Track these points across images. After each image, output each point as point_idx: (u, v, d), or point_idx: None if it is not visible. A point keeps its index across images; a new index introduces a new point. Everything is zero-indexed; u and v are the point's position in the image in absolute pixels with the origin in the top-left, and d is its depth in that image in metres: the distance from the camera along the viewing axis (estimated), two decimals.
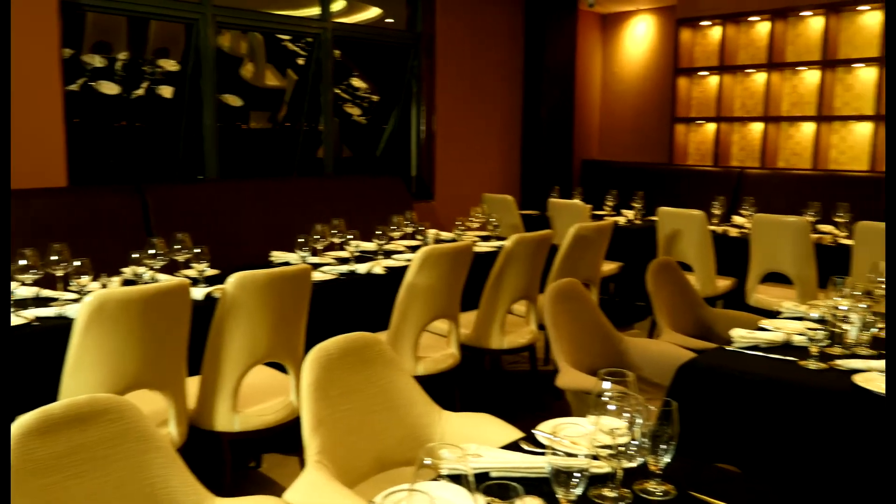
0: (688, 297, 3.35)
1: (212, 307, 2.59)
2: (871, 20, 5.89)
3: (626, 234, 5.21)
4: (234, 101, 5.82)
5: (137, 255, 3.03)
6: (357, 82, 6.77)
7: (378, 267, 3.50)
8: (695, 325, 3.31)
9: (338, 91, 6.38)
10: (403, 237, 4.26)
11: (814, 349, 2.27)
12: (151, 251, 3.00)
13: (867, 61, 5.89)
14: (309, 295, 2.81)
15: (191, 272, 3.07)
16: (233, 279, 2.53)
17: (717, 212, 5.12)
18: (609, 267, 5.10)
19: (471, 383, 4.06)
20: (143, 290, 2.31)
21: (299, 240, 3.55)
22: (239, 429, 2.63)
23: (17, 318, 2.43)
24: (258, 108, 6.20)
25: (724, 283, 4.68)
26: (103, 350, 2.24)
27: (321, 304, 3.00)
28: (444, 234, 4.50)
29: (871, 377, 2.11)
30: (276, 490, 2.82)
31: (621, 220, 5.47)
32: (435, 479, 1.27)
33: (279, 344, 2.71)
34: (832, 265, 3.97)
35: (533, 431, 1.66)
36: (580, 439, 1.33)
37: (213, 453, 2.65)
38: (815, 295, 4.06)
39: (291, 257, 3.67)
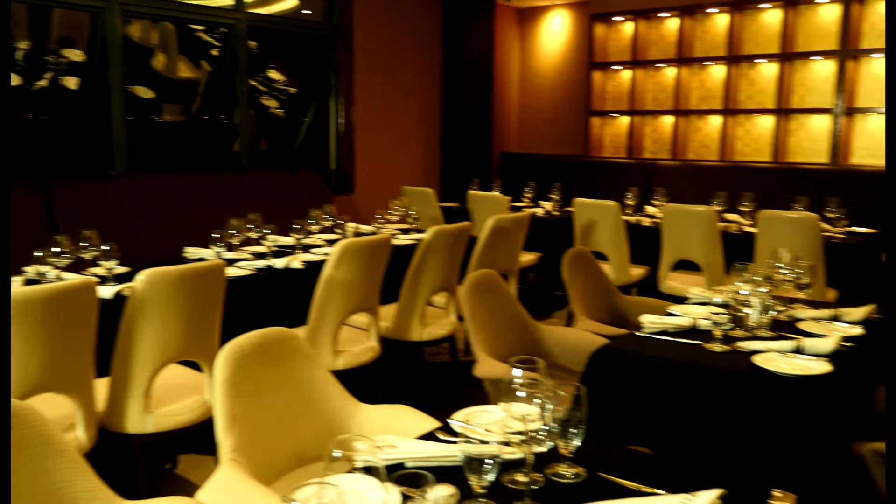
0: (602, 285, 3.44)
1: (121, 306, 2.51)
2: (773, 18, 6.16)
3: (544, 225, 5.30)
4: (145, 92, 5.64)
5: (41, 254, 2.91)
6: (274, 74, 6.65)
7: (296, 261, 3.46)
8: (609, 313, 3.40)
9: (254, 83, 6.26)
10: (322, 231, 4.22)
11: (717, 332, 2.37)
12: (56, 249, 2.88)
13: (769, 57, 6.16)
14: (223, 291, 2.75)
15: (99, 270, 2.97)
16: (142, 276, 2.46)
17: (630, 202, 5.27)
18: (528, 258, 5.18)
19: (392, 376, 4.07)
20: (46, 289, 2.22)
21: (214, 235, 3.47)
22: (152, 430, 2.56)
23: None
24: (171, 100, 6.02)
25: (637, 272, 4.83)
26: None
27: (237, 300, 2.95)
28: (364, 228, 4.48)
29: (770, 357, 2.22)
30: (193, 491, 2.76)
31: (539, 211, 5.57)
32: (349, 472, 1.27)
33: (193, 342, 2.64)
34: (738, 252, 4.14)
35: (448, 421, 1.68)
36: (493, 426, 1.36)
37: (126, 456, 2.57)
38: (722, 281, 4.23)
39: (206, 253, 3.59)
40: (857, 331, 2.49)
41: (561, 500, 1.35)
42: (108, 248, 2.94)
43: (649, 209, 5.36)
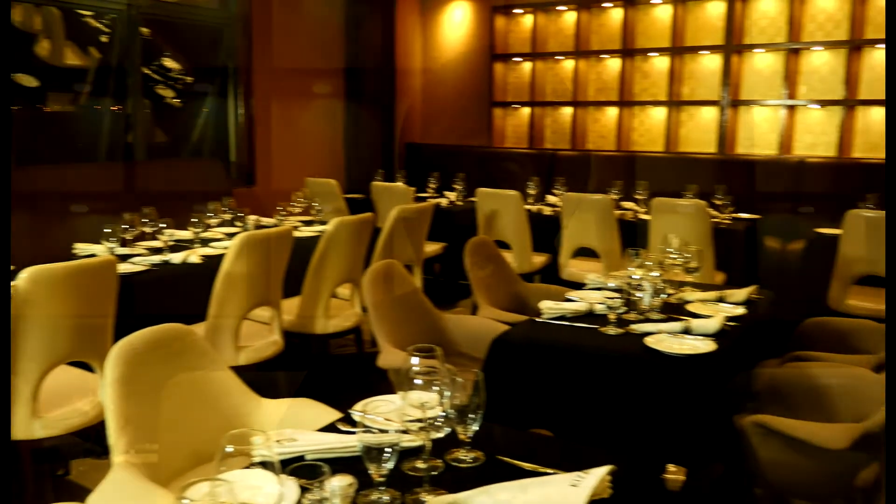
0: (504, 273, 3.50)
1: None
2: (664, 13, 6.40)
3: (449, 215, 5.35)
4: (28, 81, 5.33)
5: None
6: (169, 62, 6.41)
7: (194, 256, 3.36)
8: (511, 300, 3.47)
9: (148, 72, 6.02)
10: (222, 224, 4.12)
11: (612, 316, 2.47)
12: None
13: (660, 51, 6.40)
14: (115, 288, 2.65)
15: None
16: (25, 275, 2.34)
17: (532, 192, 5.38)
18: (433, 248, 5.22)
19: (298, 369, 4.02)
20: None
21: (106, 230, 3.33)
22: (41, 435, 2.44)
23: None
24: (57, 88, 5.71)
25: (539, 259, 4.94)
26: None
27: (132, 297, 2.85)
28: (266, 220, 4.40)
29: (661, 339, 2.32)
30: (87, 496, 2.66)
31: (443, 201, 5.61)
32: (247, 468, 1.25)
33: (83, 342, 2.54)
34: (634, 238, 4.31)
35: (349, 412, 1.68)
36: (392, 415, 1.37)
37: (13, 464, 2.44)
38: (620, 266, 4.38)
39: (97, 249, 3.44)
40: (740, 311, 2.64)
41: (460, 485, 1.38)
42: None
43: (550, 198, 5.49)
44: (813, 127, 5.88)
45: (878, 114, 5.61)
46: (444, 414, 1.40)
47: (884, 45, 5.49)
